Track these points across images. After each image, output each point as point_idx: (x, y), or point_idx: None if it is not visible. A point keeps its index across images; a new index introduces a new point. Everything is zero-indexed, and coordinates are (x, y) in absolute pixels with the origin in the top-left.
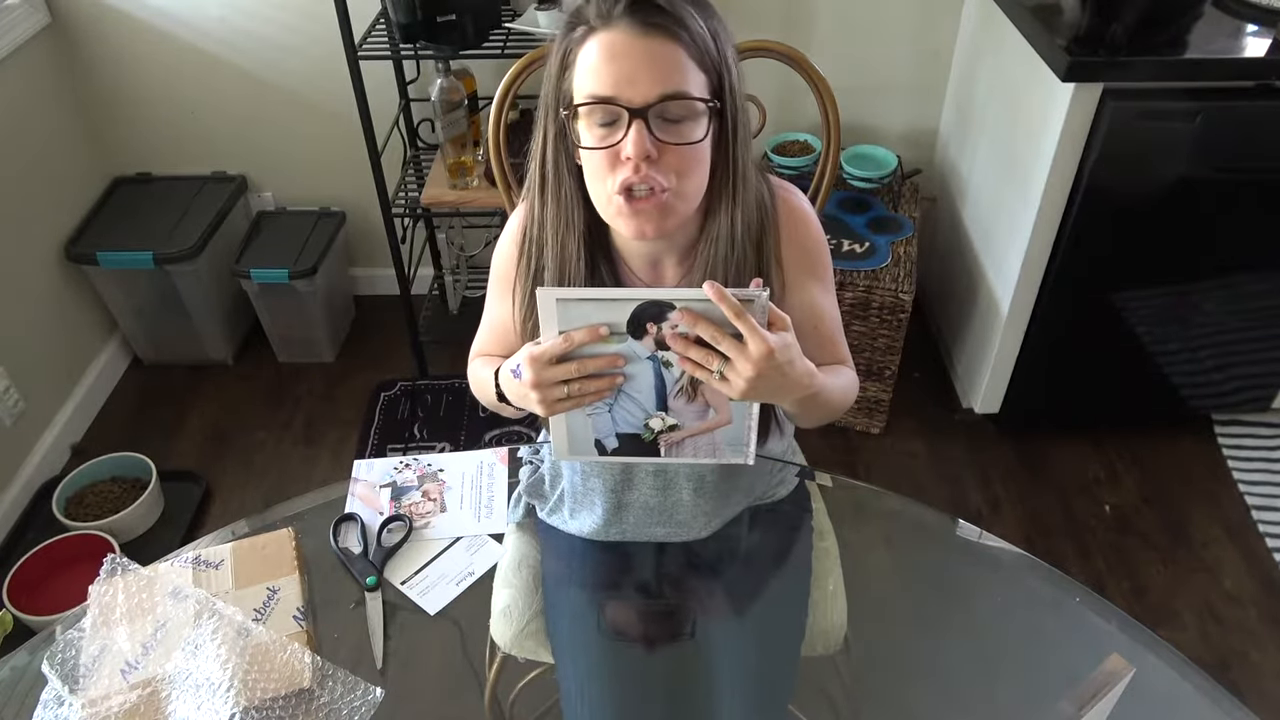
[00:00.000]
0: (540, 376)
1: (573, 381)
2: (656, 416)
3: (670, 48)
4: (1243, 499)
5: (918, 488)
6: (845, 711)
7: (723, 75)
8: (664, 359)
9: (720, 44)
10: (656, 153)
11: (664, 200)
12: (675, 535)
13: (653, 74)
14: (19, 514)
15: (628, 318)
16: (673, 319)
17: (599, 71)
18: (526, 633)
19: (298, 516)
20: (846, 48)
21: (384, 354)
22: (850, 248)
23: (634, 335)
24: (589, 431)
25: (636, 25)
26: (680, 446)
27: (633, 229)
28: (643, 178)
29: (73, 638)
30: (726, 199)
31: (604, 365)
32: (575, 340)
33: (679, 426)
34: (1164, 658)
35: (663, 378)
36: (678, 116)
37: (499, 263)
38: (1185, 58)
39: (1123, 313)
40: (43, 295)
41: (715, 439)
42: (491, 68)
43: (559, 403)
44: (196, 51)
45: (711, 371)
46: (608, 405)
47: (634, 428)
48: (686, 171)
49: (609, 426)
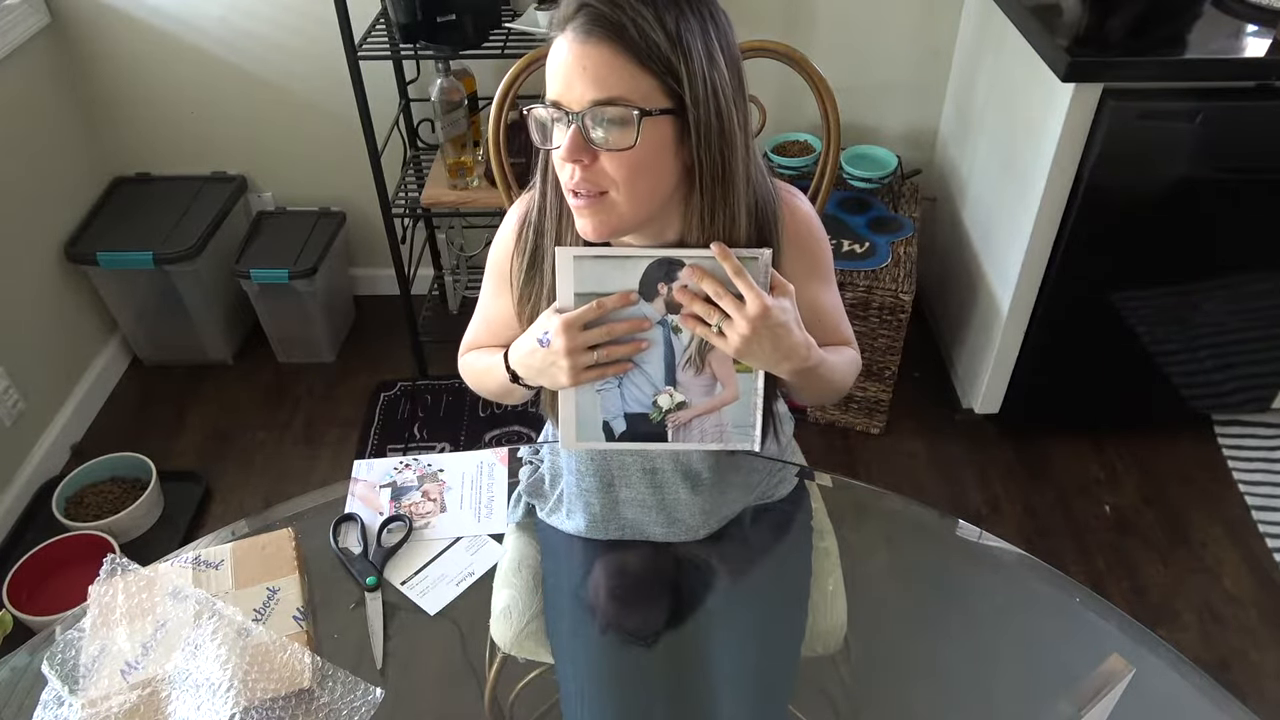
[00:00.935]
0: (574, 342)
1: (601, 348)
2: (665, 392)
3: (607, 53)
4: (1243, 499)
5: (918, 488)
6: (845, 711)
7: (681, 76)
8: (674, 323)
9: (682, 44)
10: (588, 158)
11: (604, 203)
12: (674, 535)
13: (585, 81)
14: (19, 514)
15: (640, 277)
16: (682, 277)
17: (550, 75)
18: (526, 633)
19: (298, 516)
20: (846, 48)
21: (384, 354)
22: (850, 248)
23: (646, 297)
24: (597, 413)
25: (580, 32)
26: (688, 429)
27: (580, 227)
28: (577, 181)
29: (73, 638)
30: (707, 201)
31: (632, 328)
32: (607, 306)
33: (686, 404)
34: (1164, 658)
35: (672, 346)
36: (613, 122)
37: (496, 256)
38: (1185, 58)
39: (1123, 313)
40: (43, 295)
41: (723, 422)
42: (491, 68)
43: (587, 370)
44: (196, 51)
45: (710, 326)
46: (617, 380)
47: (642, 405)
48: (627, 177)
49: (618, 405)
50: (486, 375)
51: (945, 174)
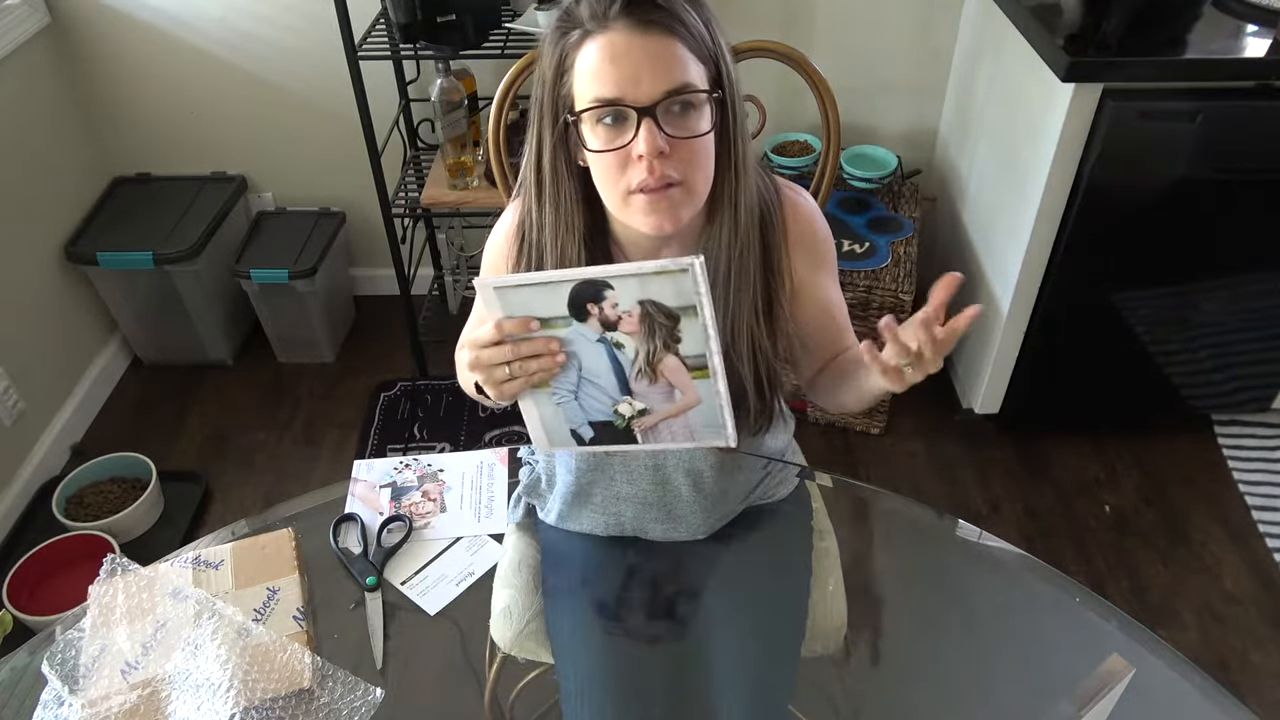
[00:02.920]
0: (478, 358)
1: (512, 363)
2: (624, 401)
3: (669, 43)
4: (1243, 499)
5: (918, 488)
6: (845, 711)
7: (720, 65)
8: (614, 340)
9: (714, 34)
10: (668, 148)
11: (679, 193)
12: (674, 534)
13: (655, 71)
14: (19, 514)
15: (567, 300)
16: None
17: (601, 74)
18: (526, 633)
19: (298, 516)
20: (846, 48)
21: (384, 354)
22: (850, 248)
23: (577, 318)
24: (562, 422)
25: (634, 24)
26: (655, 432)
27: (651, 224)
28: (657, 175)
29: (73, 638)
30: (729, 187)
31: (538, 348)
32: (505, 329)
33: (648, 411)
34: (1164, 658)
35: (619, 361)
36: (684, 110)
37: (490, 259)
38: (1185, 58)
39: (1123, 313)
40: (43, 295)
41: (690, 422)
42: (491, 68)
43: (506, 383)
44: (196, 51)
45: (904, 372)
46: (572, 394)
47: (605, 415)
48: (697, 163)
49: (580, 415)
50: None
51: (945, 174)
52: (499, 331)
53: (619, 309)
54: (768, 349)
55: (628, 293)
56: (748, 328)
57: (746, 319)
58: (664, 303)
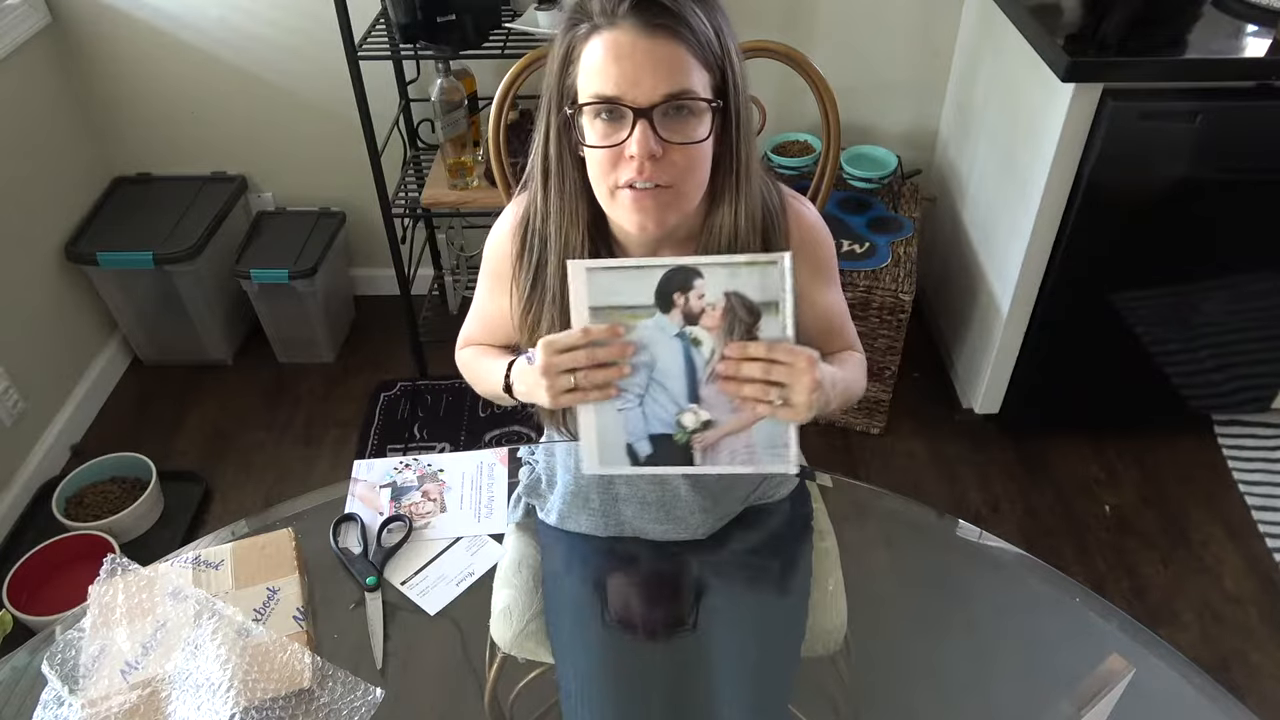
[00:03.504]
0: (551, 361)
1: (579, 371)
2: (689, 411)
3: (674, 47)
4: (1243, 499)
5: (918, 488)
6: (845, 711)
7: (726, 71)
8: (693, 336)
9: (724, 39)
10: (661, 151)
11: (667, 196)
12: (674, 534)
13: (657, 75)
14: (19, 514)
15: (655, 288)
16: (719, 370)
17: (604, 71)
18: (526, 633)
19: (298, 516)
20: (846, 48)
21: (384, 354)
22: (850, 248)
23: (662, 308)
24: (621, 434)
25: (641, 25)
26: (715, 451)
27: (635, 223)
28: (646, 176)
29: (73, 638)
30: (730, 191)
31: (615, 354)
32: (593, 334)
33: (713, 423)
34: (1164, 658)
35: (692, 360)
36: (681, 115)
37: (492, 256)
38: (1185, 58)
39: (1123, 313)
40: (43, 295)
41: (753, 442)
42: (491, 68)
43: (565, 394)
44: (196, 51)
45: (772, 402)
46: (639, 399)
47: (666, 426)
48: (689, 169)
49: (640, 426)
50: (484, 377)
51: (945, 174)
52: (586, 336)
53: (705, 300)
54: None
55: (716, 283)
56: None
57: None
58: (748, 295)
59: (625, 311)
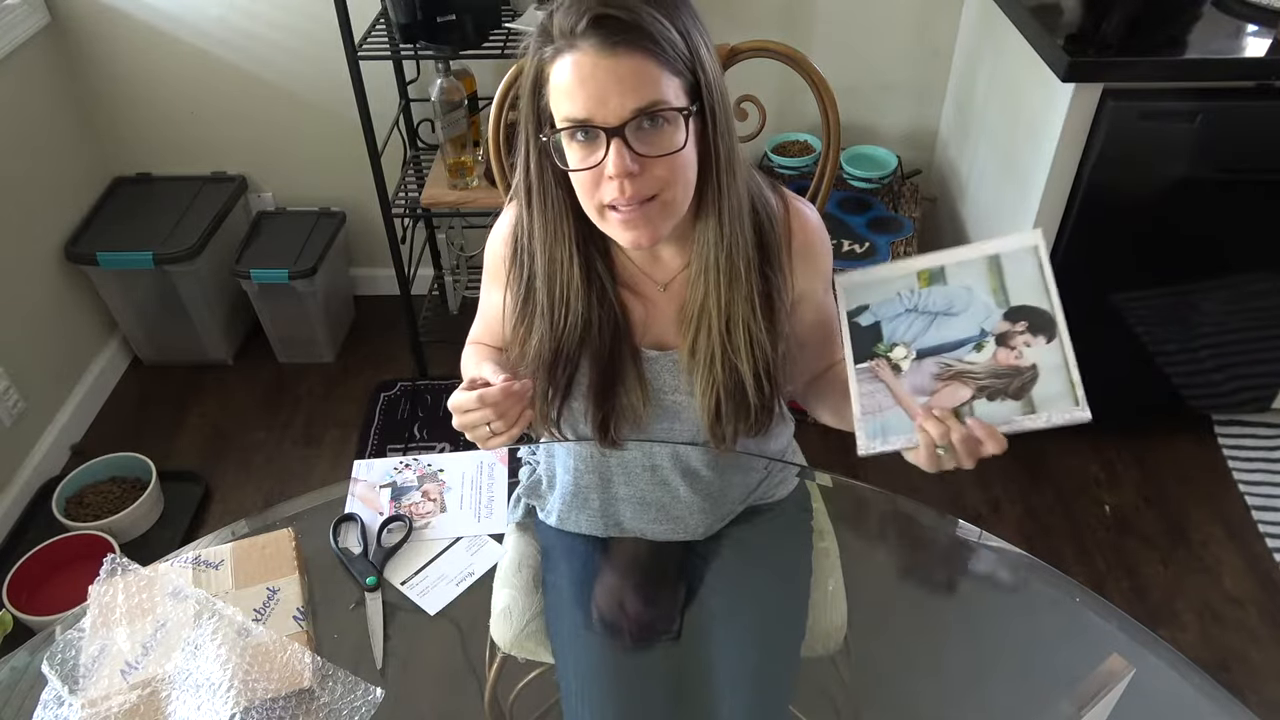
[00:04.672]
0: (461, 421)
1: (492, 423)
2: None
3: (638, 61)
4: (1243, 499)
5: (918, 488)
6: (845, 711)
7: (698, 72)
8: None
9: (691, 39)
10: (638, 167)
11: (654, 208)
12: (674, 534)
13: (623, 91)
14: (19, 514)
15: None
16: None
17: (571, 94)
18: (526, 633)
19: (298, 516)
20: (846, 48)
21: (384, 354)
22: (850, 248)
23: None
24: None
25: (601, 43)
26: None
27: (629, 239)
28: (629, 196)
29: (73, 638)
30: (714, 190)
31: (512, 406)
32: (486, 399)
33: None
34: (1164, 658)
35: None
36: (656, 127)
37: (490, 257)
38: (1185, 58)
39: (1122, 313)
40: (43, 295)
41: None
42: (491, 68)
43: (489, 439)
44: (196, 51)
45: (940, 449)
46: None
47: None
48: (673, 177)
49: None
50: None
51: (945, 174)
52: (479, 402)
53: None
54: (766, 346)
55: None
56: (744, 323)
57: (742, 314)
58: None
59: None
